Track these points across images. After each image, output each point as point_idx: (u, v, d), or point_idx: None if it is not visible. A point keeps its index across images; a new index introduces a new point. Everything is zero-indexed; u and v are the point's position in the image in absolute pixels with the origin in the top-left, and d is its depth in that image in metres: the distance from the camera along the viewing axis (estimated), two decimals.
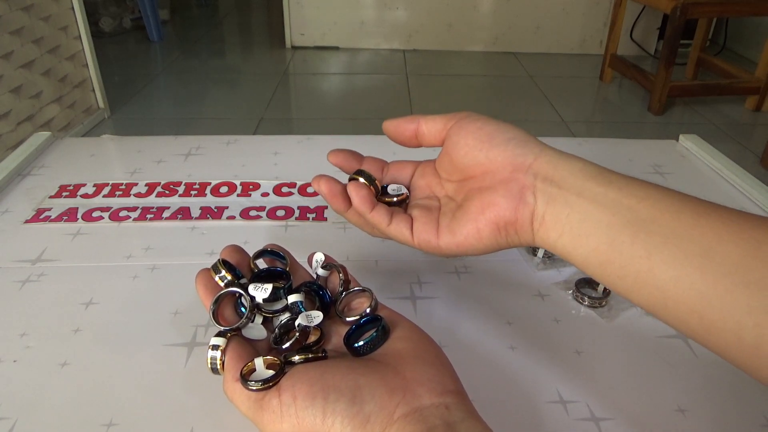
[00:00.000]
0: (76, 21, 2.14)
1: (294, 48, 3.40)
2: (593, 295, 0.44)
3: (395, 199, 0.36)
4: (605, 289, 0.44)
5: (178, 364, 0.38)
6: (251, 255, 0.37)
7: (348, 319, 0.33)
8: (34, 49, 1.93)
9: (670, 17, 2.29)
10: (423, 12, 3.30)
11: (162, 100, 2.68)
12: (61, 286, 0.45)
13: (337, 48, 3.41)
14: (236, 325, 0.32)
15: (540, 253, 0.49)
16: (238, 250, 0.37)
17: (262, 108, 2.54)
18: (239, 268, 0.35)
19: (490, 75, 3.13)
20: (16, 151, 0.64)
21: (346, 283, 0.35)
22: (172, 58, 3.22)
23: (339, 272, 0.36)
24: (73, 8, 2.11)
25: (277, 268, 0.36)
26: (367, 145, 0.68)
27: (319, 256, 0.37)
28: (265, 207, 0.56)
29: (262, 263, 0.37)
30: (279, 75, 2.98)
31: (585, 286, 0.45)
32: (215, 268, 0.34)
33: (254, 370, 0.30)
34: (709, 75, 2.83)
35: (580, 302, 0.44)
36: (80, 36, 2.18)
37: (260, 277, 0.35)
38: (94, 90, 2.31)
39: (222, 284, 0.34)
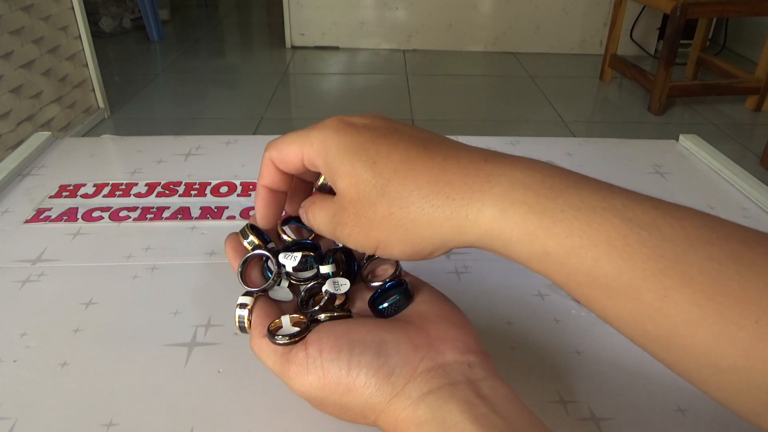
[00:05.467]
0: (76, 21, 2.14)
1: (294, 48, 3.40)
2: None
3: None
4: None
5: (178, 364, 0.38)
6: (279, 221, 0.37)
7: (373, 284, 0.33)
8: (34, 49, 1.93)
9: (670, 17, 2.30)
10: (423, 12, 3.31)
11: (162, 100, 2.68)
12: (61, 286, 0.45)
13: (337, 48, 3.41)
14: (264, 286, 0.33)
15: None
16: None
17: (262, 108, 2.54)
18: (267, 234, 0.36)
19: (490, 75, 3.13)
20: (16, 151, 0.64)
21: None
22: (172, 58, 3.22)
23: None
24: (73, 8, 2.11)
25: (307, 240, 0.36)
26: None
27: None
28: None
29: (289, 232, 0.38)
30: (279, 75, 2.98)
31: None
32: (243, 233, 0.35)
33: (281, 326, 0.30)
34: (709, 75, 2.83)
35: (580, 302, 0.44)
36: (80, 36, 2.18)
37: (290, 248, 0.36)
38: (94, 90, 2.31)
39: (250, 248, 0.34)
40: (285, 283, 0.34)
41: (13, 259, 0.48)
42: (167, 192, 0.58)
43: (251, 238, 0.34)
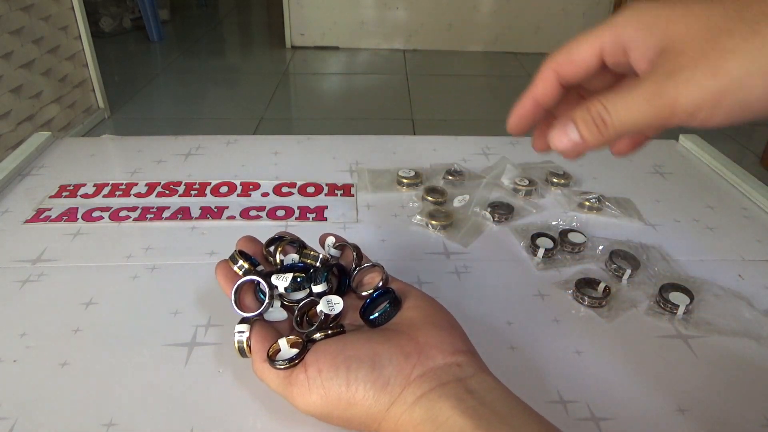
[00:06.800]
0: (76, 21, 2.14)
1: (294, 48, 3.40)
2: (593, 295, 0.44)
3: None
4: (605, 288, 0.44)
5: (178, 364, 0.38)
6: (264, 243, 0.39)
7: (363, 293, 0.35)
8: (34, 49, 1.93)
9: None
10: (423, 12, 3.30)
11: (162, 100, 2.68)
12: (61, 286, 0.45)
13: (337, 48, 3.41)
14: (258, 311, 0.34)
15: (540, 253, 0.49)
16: (252, 240, 0.39)
17: (262, 108, 2.54)
18: (255, 257, 0.37)
19: (490, 75, 3.13)
20: (16, 151, 0.64)
21: (359, 259, 0.37)
22: (172, 58, 3.22)
23: (353, 250, 0.38)
24: (73, 8, 2.11)
25: (299, 263, 0.38)
26: (366, 144, 0.68)
27: (331, 240, 0.39)
28: (265, 207, 0.56)
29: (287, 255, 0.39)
30: (279, 75, 2.98)
31: (585, 286, 0.45)
32: (233, 259, 0.36)
33: (279, 350, 0.32)
34: None
35: (580, 302, 0.44)
36: (80, 36, 2.18)
37: (281, 270, 0.37)
38: (94, 90, 2.31)
39: (240, 273, 0.36)
40: (278, 304, 0.36)
41: (13, 259, 0.48)
42: (167, 192, 0.58)
43: (241, 263, 0.36)
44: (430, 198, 0.56)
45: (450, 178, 0.59)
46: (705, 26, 0.23)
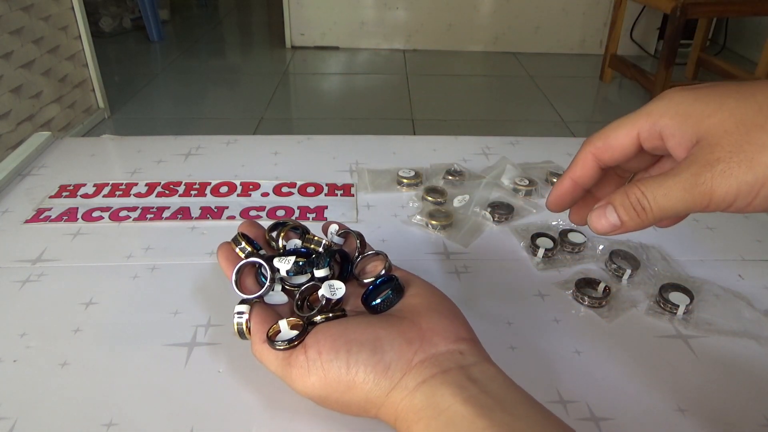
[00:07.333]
0: (76, 21, 2.14)
1: (294, 48, 3.40)
2: (593, 295, 0.44)
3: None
4: (605, 288, 0.44)
5: (178, 364, 0.38)
6: (266, 228, 0.39)
7: (365, 280, 0.35)
8: (34, 49, 1.93)
9: (670, 17, 2.29)
10: (423, 12, 3.31)
11: (162, 100, 2.68)
12: (61, 286, 0.45)
13: (337, 48, 3.41)
14: (259, 293, 0.34)
15: (540, 253, 0.49)
16: (254, 225, 0.39)
17: (262, 108, 2.54)
18: (257, 241, 0.37)
19: (490, 75, 3.13)
20: (16, 151, 0.64)
21: (362, 247, 0.37)
22: (172, 58, 3.22)
23: (356, 238, 0.38)
24: (73, 8, 2.11)
25: (302, 248, 0.38)
26: (366, 145, 0.68)
27: (334, 228, 0.39)
28: (265, 207, 0.56)
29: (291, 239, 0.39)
30: (279, 75, 2.98)
31: (585, 286, 0.45)
32: (235, 241, 0.36)
33: (279, 331, 0.32)
34: (709, 75, 2.83)
35: (580, 302, 0.44)
36: (80, 36, 2.18)
37: (283, 254, 0.37)
38: (94, 90, 2.31)
39: (242, 255, 0.36)
40: (279, 287, 0.35)
41: (13, 259, 0.48)
42: (167, 192, 0.58)
43: (243, 245, 0.36)
44: (430, 198, 0.56)
45: (450, 178, 0.59)
46: (739, 121, 0.25)
